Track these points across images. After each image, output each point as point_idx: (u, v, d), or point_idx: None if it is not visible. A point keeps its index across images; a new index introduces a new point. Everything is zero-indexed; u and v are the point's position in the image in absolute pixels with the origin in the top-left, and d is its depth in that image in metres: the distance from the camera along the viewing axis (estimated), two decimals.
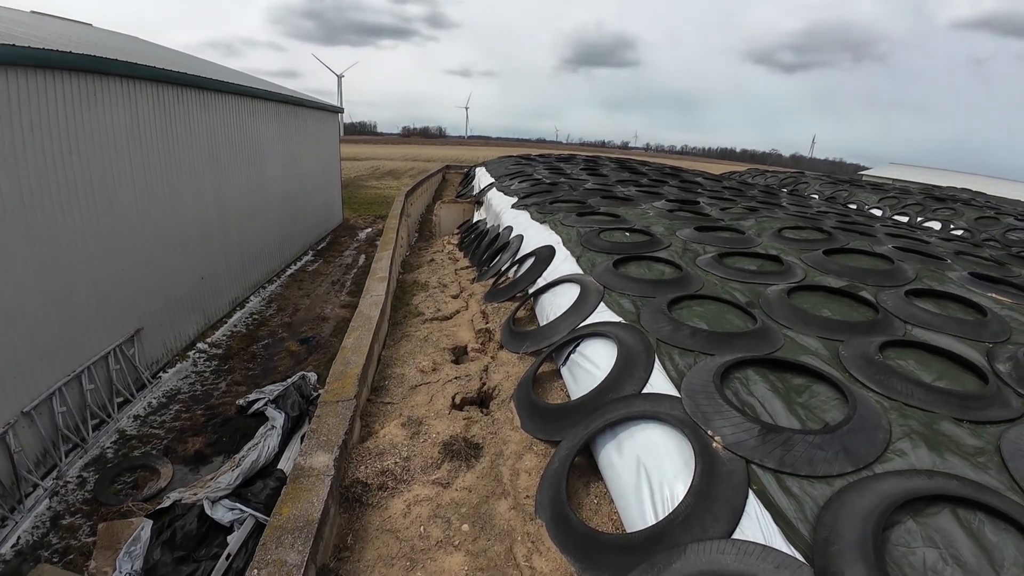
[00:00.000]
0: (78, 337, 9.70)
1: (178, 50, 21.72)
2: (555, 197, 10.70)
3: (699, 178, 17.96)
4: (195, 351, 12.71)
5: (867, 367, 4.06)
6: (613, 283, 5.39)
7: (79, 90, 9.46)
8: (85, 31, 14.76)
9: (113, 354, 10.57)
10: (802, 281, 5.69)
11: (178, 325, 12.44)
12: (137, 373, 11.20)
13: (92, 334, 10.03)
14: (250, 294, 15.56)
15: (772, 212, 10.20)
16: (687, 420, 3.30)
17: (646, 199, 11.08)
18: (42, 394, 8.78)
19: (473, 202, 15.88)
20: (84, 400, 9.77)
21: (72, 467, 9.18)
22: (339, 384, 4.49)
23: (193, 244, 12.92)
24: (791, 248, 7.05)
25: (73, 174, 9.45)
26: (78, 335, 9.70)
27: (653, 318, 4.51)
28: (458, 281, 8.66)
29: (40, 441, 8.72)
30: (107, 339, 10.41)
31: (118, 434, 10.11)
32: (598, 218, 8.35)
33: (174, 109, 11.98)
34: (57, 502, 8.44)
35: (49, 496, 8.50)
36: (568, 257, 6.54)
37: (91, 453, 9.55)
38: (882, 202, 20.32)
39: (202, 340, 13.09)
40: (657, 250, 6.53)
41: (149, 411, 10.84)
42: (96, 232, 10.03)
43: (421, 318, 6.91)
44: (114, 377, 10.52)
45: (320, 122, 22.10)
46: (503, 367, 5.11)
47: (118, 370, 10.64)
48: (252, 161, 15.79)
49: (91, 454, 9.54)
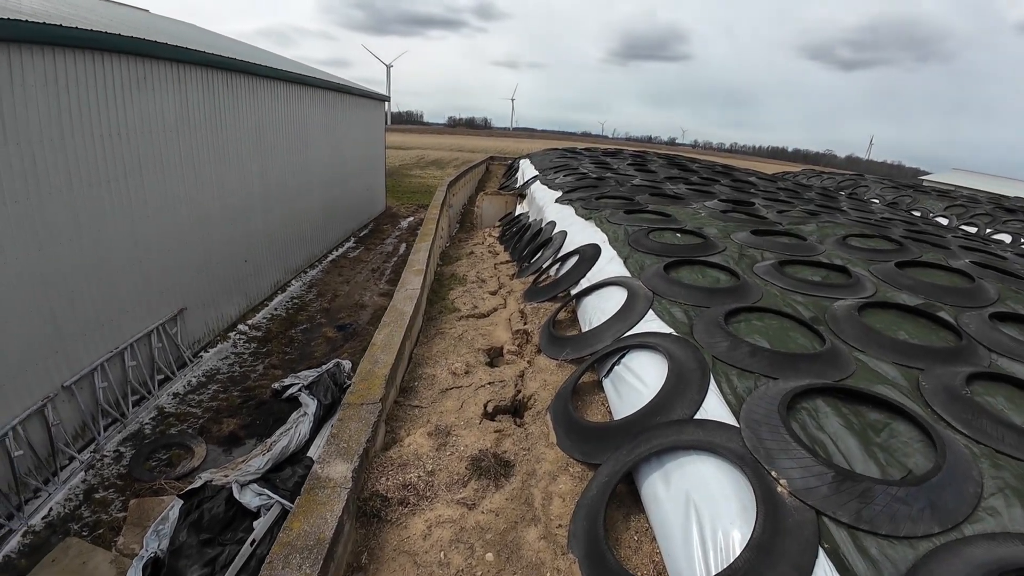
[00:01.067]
0: (122, 315, 9.86)
1: (232, 38, 22.08)
2: (601, 193, 10.24)
3: (752, 177, 17.11)
4: (236, 332, 12.86)
5: (952, 403, 3.54)
6: (663, 289, 4.96)
7: (128, 72, 9.54)
8: (141, 16, 15.05)
9: (156, 332, 10.73)
10: (873, 297, 5.13)
11: (221, 306, 12.58)
12: (179, 352, 11.37)
13: (136, 312, 10.19)
14: (291, 278, 15.69)
15: (833, 217, 9.48)
16: (747, 456, 2.88)
17: (697, 198, 10.49)
18: (84, 369, 8.98)
19: (516, 195, 15.51)
20: (126, 376, 9.98)
21: (110, 441, 9.37)
22: (365, 385, 4.23)
23: (238, 227, 13.03)
24: (858, 258, 6.43)
25: (120, 155, 9.55)
26: (122, 313, 9.86)
27: (708, 331, 4.07)
28: (497, 276, 8.34)
29: (80, 415, 8.92)
30: (151, 318, 10.57)
31: (157, 411, 10.29)
32: (647, 216, 7.87)
33: (222, 93, 12.04)
34: (92, 475, 8.65)
35: (85, 469, 8.71)
36: (615, 258, 6.12)
37: (130, 428, 9.75)
38: (948, 210, 18.96)
39: (243, 322, 13.24)
40: (711, 254, 6.04)
41: (188, 389, 10.99)
42: (142, 212, 10.15)
43: (457, 314, 6.62)
44: (156, 355, 10.70)
45: (366, 109, 22.13)
46: (540, 374, 4.76)
47: (160, 348, 10.81)
48: (297, 146, 15.86)
49: (129, 429, 9.73)
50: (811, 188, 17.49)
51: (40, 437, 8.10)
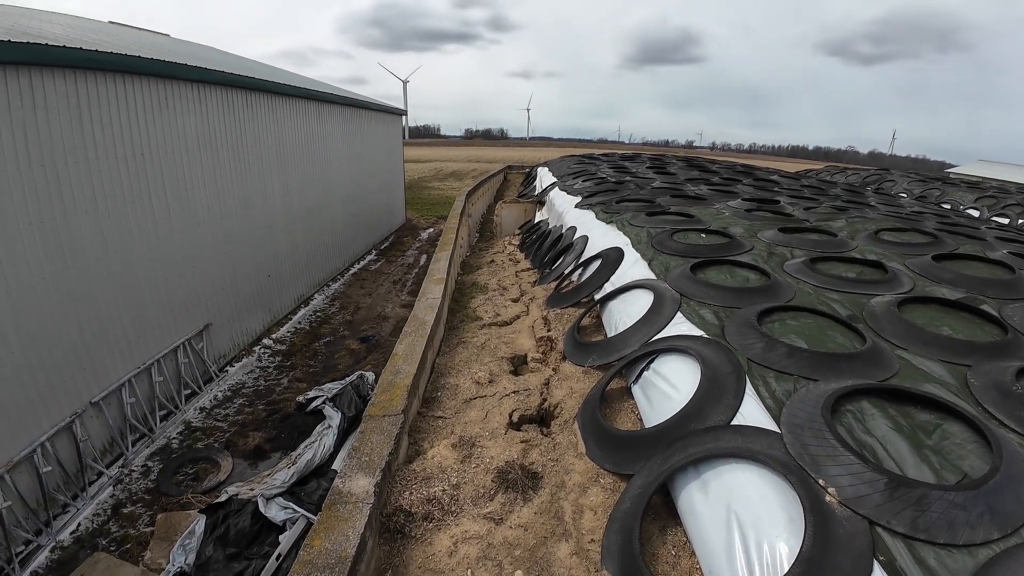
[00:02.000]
0: (149, 331, 9.98)
1: (251, 59, 22.50)
2: (621, 196, 10.08)
3: (774, 176, 16.77)
4: (260, 346, 12.94)
5: (1004, 400, 3.31)
6: (691, 290, 4.79)
7: (150, 94, 9.71)
8: (162, 40, 15.41)
9: (183, 348, 10.84)
10: (911, 291, 4.89)
11: (245, 321, 12.68)
12: (205, 367, 11.47)
13: (163, 328, 10.31)
14: (314, 292, 15.79)
15: (863, 212, 9.18)
16: (791, 464, 2.70)
17: (720, 198, 10.27)
18: (112, 385, 9.08)
19: (535, 202, 15.42)
20: (153, 391, 10.08)
21: (138, 456, 9.44)
22: (386, 396, 4.14)
23: (261, 243, 13.16)
24: (892, 253, 6.17)
25: (145, 174, 9.71)
26: (149, 329, 9.98)
27: (741, 333, 3.89)
28: (519, 284, 8.23)
29: (108, 430, 9.01)
30: (177, 333, 10.68)
31: (184, 425, 10.37)
32: (669, 218, 7.70)
33: (242, 112, 12.20)
34: (120, 490, 8.69)
35: (113, 484, 8.77)
36: (638, 260, 5.96)
37: (157, 443, 9.83)
38: (979, 202, 18.32)
39: (267, 336, 13.32)
40: (739, 253, 5.84)
41: (214, 404, 11.07)
42: (167, 230, 10.29)
43: (479, 323, 6.51)
44: (183, 370, 10.80)
45: (383, 124, 22.33)
46: (566, 381, 4.62)
47: (187, 363, 10.91)
48: (318, 162, 16.02)
49: (157, 444, 9.81)
50: (836, 185, 17.07)
51: (68, 452, 8.19)
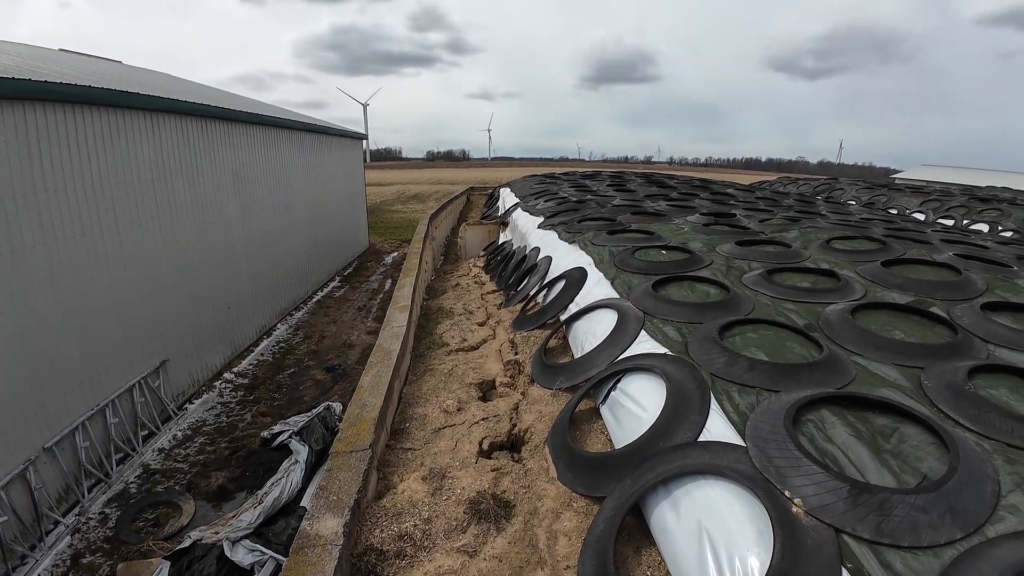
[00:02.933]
0: (102, 370, 9.59)
1: (206, 84, 22.14)
2: (583, 215, 10.21)
3: (730, 189, 17.29)
4: (221, 381, 12.54)
5: (957, 400, 3.45)
6: (654, 308, 4.86)
7: (102, 124, 9.45)
8: (114, 68, 15.03)
9: (138, 386, 10.43)
10: (863, 298, 5.07)
11: (205, 355, 12.28)
12: (163, 405, 11.04)
13: (117, 367, 9.92)
14: (277, 321, 15.43)
15: (814, 222, 9.53)
16: (757, 477, 2.74)
17: (678, 213, 10.52)
18: (64, 429, 8.65)
19: (498, 223, 15.50)
20: (108, 434, 9.64)
21: (95, 503, 9.01)
22: (353, 431, 4.05)
23: (220, 273, 12.82)
24: (844, 260, 6.41)
25: (96, 206, 9.40)
26: (102, 368, 9.59)
27: (703, 348, 3.96)
28: (484, 307, 8.21)
29: (62, 477, 8.57)
30: (132, 371, 10.28)
31: (142, 468, 9.93)
32: (631, 236, 7.83)
33: (198, 140, 11.97)
34: (79, 539, 8.27)
35: (71, 533, 8.34)
36: (601, 279, 6.03)
37: (115, 488, 9.38)
38: (924, 205, 19.27)
39: (229, 370, 12.93)
40: (698, 268, 5.98)
41: (174, 444, 10.64)
42: (120, 264, 9.95)
43: (445, 349, 6.46)
44: (139, 410, 10.38)
45: (343, 148, 22.21)
46: (535, 405, 4.60)
47: (143, 402, 10.49)
48: (277, 188, 15.79)
49: (115, 489, 9.36)
50: (788, 195, 17.74)
51: (24, 501, 7.80)
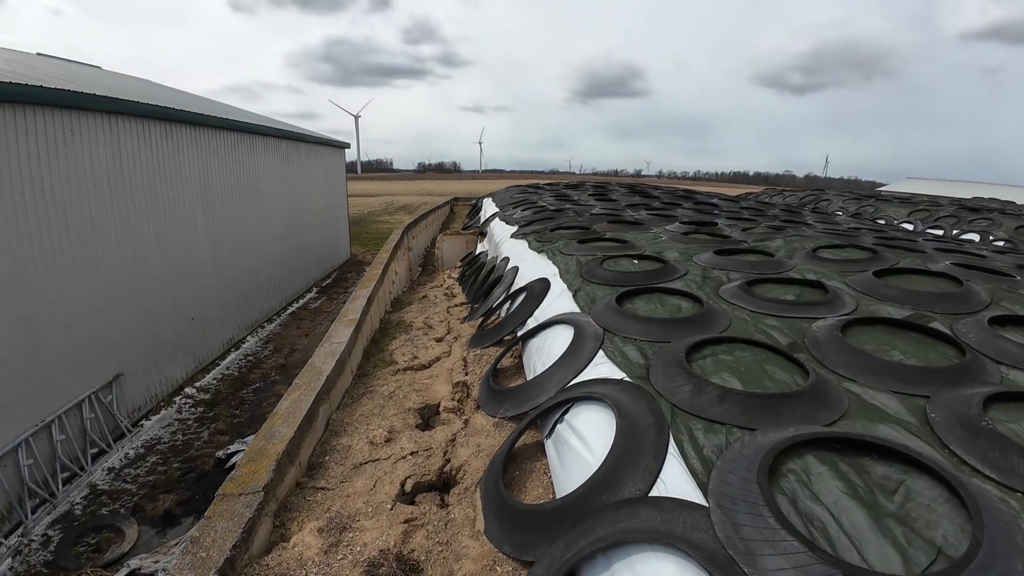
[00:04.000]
0: (48, 384, 8.80)
1: (189, 92, 21.47)
2: (558, 224, 9.54)
3: (715, 199, 16.71)
4: (182, 396, 11.71)
5: (973, 439, 2.76)
6: (616, 324, 4.16)
7: (54, 125, 8.74)
8: (87, 72, 14.36)
9: (88, 402, 9.61)
10: (855, 312, 4.39)
11: (164, 369, 11.46)
12: (115, 421, 10.21)
13: (64, 381, 9.12)
14: (247, 334, 14.60)
15: (800, 231, 8.90)
16: (718, 553, 2.03)
17: (658, 222, 9.88)
18: (6, 446, 7.93)
19: (476, 233, 14.83)
20: (54, 452, 8.84)
21: (39, 524, 8.23)
22: (250, 468, 3.32)
23: (182, 283, 12.04)
24: (832, 271, 5.75)
25: (45, 211, 8.66)
26: (48, 382, 8.80)
27: (667, 374, 3.25)
28: (447, 321, 7.49)
29: (4, 496, 7.87)
30: (81, 386, 9.47)
31: (90, 488, 9.14)
32: (603, 244, 7.15)
33: (161, 145, 11.24)
34: (19, 562, 7.57)
35: (12, 555, 7.62)
36: (564, 291, 5.33)
37: (60, 509, 8.60)
38: (912, 216, 18.70)
39: (191, 384, 12.10)
40: (671, 279, 5.29)
41: (125, 463, 9.82)
42: (71, 272, 9.18)
43: (393, 368, 5.73)
44: (88, 426, 9.57)
45: (325, 157, 21.50)
46: (475, 437, 3.88)
47: (93, 419, 9.67)
48: (250, 197, 15.04)
49: (60, 510, 8.59)
50: (774, 206, 17.14)
51: None
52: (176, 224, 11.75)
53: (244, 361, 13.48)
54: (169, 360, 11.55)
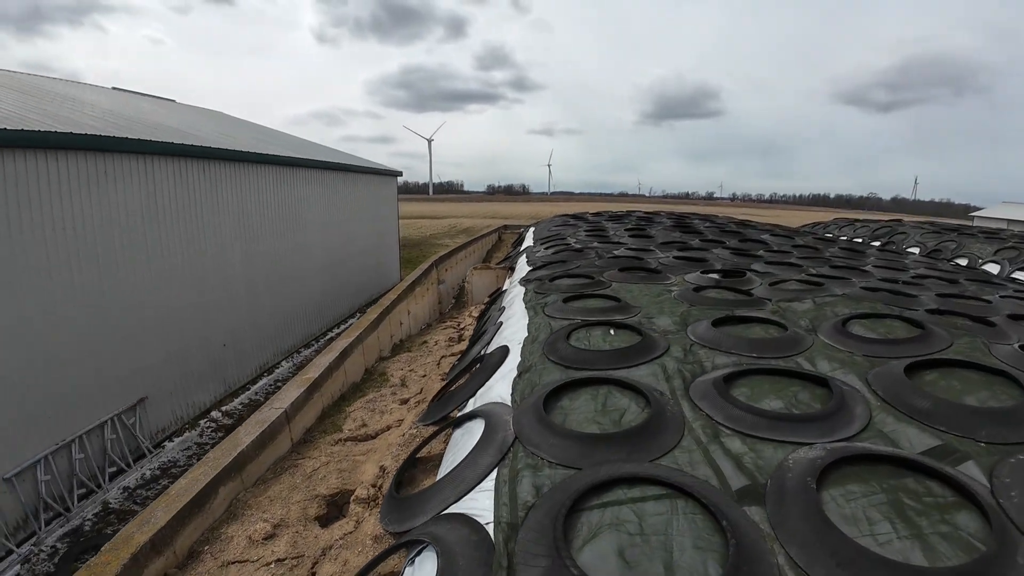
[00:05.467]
0: (72, 406, 9.02)
1: (258, 124, 22.38)
2: (567, 269, 8.62)
3: (766, 235, 14.99)
4: (207, 420, 11.71)
5: None
6: (531, 432, 3.23)
7: (87, 168, 9.01)
8: (155, 106, 15.13)
9: (111, 423, 9.75)
10: (859, 435, 3.19)
11: (191, 393, 11.51)
12: (137, 442, 10.30)
13: (88, 403, 9.32)
14: (281, 359, 14.59)
15: (845, 284, 7.48)
16: None
17: (681, 269, 8.72)
18: (26, 461, 8.15)
19: (507, 268, 14.09)
20: (73, 469, 9.00)
21: (51, 535, 8.38)
22: (107, 558, 2.82)
23: (215, 311, 12.11)
24: (858, 354, 4.47)
25: (76, 246, 8.89)
26: (72, 404, 9.02)
27: (540, 533, 2.32)
28: (428, 376, 6.77)
29: (20, 507, 8.07)
30: (105, 408, 9.63)
31: (102, 506, 9.26)
32: (590, 305, 6.17)
33: (198, 182, 11.41)
34: (27, 570, 7.74)
35: (21, 563, 7.81)
36: (512, 370, 4.45)
37: (73, 523, 8.74)
38: (999, 254, 15.97)
39: (218, 408, 12.10)
40: (643, 360, 4.27)
41: (140, 483, 9.86)
42: (99, 302, 9.38)
43: (335, 437, 5.07)
44: (109, 446, 9.71)
45: (374, 185, 21.58)
46: (348, 551, 3.14)
47: (114, 439, 9.80)
48: (290, 227, 15.14)
49: (72, 524, 8.72)
50: (835, 243, 15.15)
51: None
52: (211, 255, 11.89)
53: (274, 387, 13.41)
54: (197, 385, 11.60)
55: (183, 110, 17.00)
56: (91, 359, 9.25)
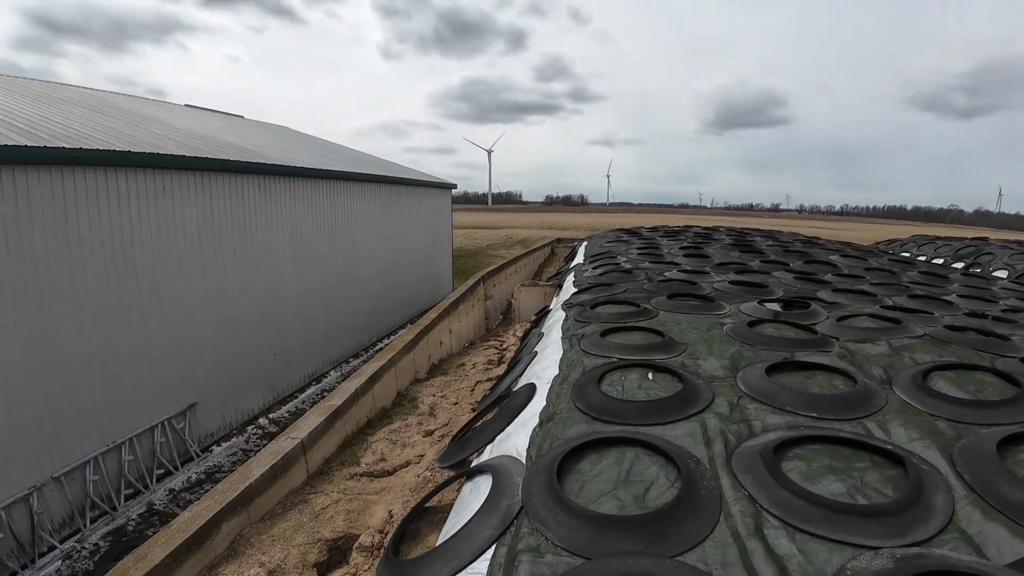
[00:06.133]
0: (124, 410, 9.41)
1: (321, 138, 23.10)
2: (612, 294, 8.11)
3: (835, 255, 13.75)
4: (254, 426, 11.96)
5: None
6: (539, 505, 2.82)
7: (145, 184, 9.41)
8: (222, 122, 15.84)
9: (160, 427, 10.10)
10: (942, 540, 2.59)
11: (241, 400, 11.79)
12: (186, 446, 10.62)
13: (140, 407, 9.70)
14: (330, 369, 14.80)
15: (927, 320, 6.60)
16: None
17: (738, 296, 8.03)
18: (76, 461, 8.52)
19: (555, 286, 13.65)
20: (121, 470, 9.38)
21: (95, 533, 8.73)
22: None
23: (267, 320, 12.40)
24: (939, 423, 3.77)
25: (133, 259, 9.29)
26: (124, 408, 9.41)
27: None
28: (460, 404, 6.47)
29: (68, 505, 8.42)
30: (156, 413, 9.99)
31: (147, 507, 9.60)
32: (633, 339, 5.67)
33: (253, 196, 11.75)
34: (67, 567, 8.05)
35: (63, 558, 8.15)
36: (534, 416, 4.04)
37: (117, 522, 9.08)
38: None
39: (266, 415, 12.35)
40: (679, 417, 3.76)
41: (185, 486, 10.14)
42: (155, 312, 9.76)
43: (351, 471, 4.84)
44: (158, 449, 10.07)
45: (428, 198, 21.74)
46: None
47: (163, 443, 10.15)
48: (342, 239, 15.40)
49: (117, 523, 9.05)
50: (914, 265, 13.69)
51: (23, 522, 7.77)
52: (264, 267, 12.20)
53: (320, 395, 13.59)
54: (246, 392, 11.88)
55: (249, 126, 17.75)
56: (145, 365, 9.62)
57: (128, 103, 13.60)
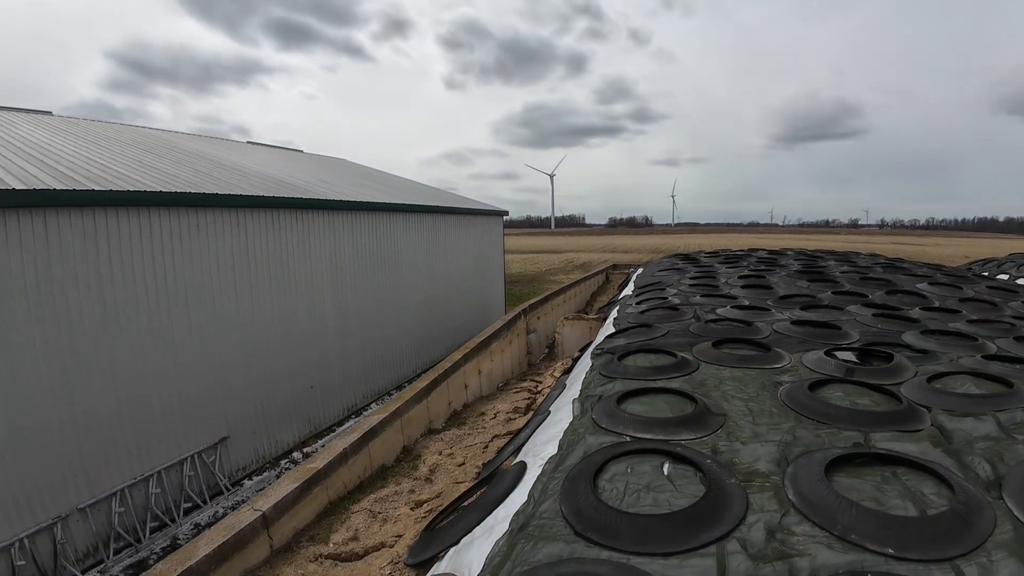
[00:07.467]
0: (153, 443, 9.30)
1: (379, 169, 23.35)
2: (649, 339, 7.03)
3: (923, 283, 11.69)
4: (288, 460, 11.65)
5: None
6: None
7: (179, 222, 9.42)
8: (278, 157, 16.18)
9: (190, 460, 9.93)
10: None
11: (275, 433, 11.54)
12: (215, 480, 10.42)
13: (170, 440, 9.57)
14: (371, 401, 14.38)
15: None
16: None
17: (801, 343, 6.74)
18: (103, 493, 8.42)
19: (599, 319, 12.61)
20: (148, 503, 9.18)
21: (118, 565, 8.54)
22: None
23: (304, 354, 12.16)
24: None
25: (165, 295, 9.25)
26: (153, 441, 9.30)
27: None
28: (466, 466, 5.64)
29: (92, 536, 8.28)
30: (186, 446, 9.84)
31: (171, 540, 9.35)
32: (657, 406, 4.63)
33: (291, 230, 11.64)
34: None
35: None
36: (521, 508, 3.15)
37: (140, 554, 8.82)
38: None
39: (300, 448, 12.03)
40: (696, 545, 2.75)
41: (211, 520, 9.86)
42: (188, 346, 9.68)
43: (318, 549, 4.12)
44: (187, 483, 9.87)
45: (479, 225, 21.30)
46: None
47: (192, 476, 9.96)
48: (385, 270, 15.12)
49: (140, 555, 8.80)
50: (1018, 293, 11.31)
51: (46, 551, 7.71)
52: (301, 299, 12.02)
53: None
54: (281, 424, 11.63)
55: (303, 159, 18.15)
56: (176, 399, 9.53)
57: (187, 142, 14.15)
